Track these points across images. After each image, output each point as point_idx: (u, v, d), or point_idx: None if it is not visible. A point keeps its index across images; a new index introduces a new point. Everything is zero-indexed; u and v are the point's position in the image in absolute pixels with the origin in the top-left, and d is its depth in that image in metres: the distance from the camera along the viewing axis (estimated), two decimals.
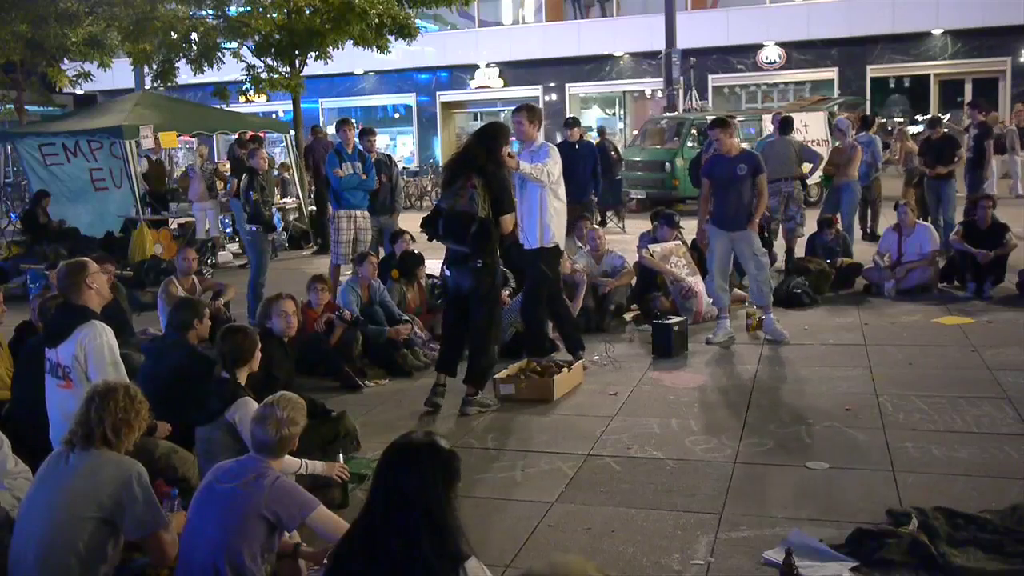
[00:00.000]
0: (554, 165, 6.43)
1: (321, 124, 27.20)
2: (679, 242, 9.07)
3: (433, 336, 7.71)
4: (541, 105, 28.37)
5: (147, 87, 18.67)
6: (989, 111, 15.21)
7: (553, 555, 3.80)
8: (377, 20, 15.15)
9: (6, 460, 4.09)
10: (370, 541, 2.60)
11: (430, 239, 6.17)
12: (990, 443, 5.10)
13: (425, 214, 6.33)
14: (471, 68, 28.90)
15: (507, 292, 7.96)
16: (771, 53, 25.94)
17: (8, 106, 19.59)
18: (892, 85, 26.18)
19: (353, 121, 9.93)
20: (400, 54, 19.89)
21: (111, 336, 4.40)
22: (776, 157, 10.76)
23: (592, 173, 10.84)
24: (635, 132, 22.99)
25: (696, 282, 8.54)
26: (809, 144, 12.78)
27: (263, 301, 5.82)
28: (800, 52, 25.75)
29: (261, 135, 15.56)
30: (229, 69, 16.69)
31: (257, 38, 15.83)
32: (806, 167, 11.11)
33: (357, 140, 9.76)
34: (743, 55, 26.24)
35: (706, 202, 7.89)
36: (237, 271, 12.53)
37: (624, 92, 28.46)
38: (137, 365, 5.49)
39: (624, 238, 13.54)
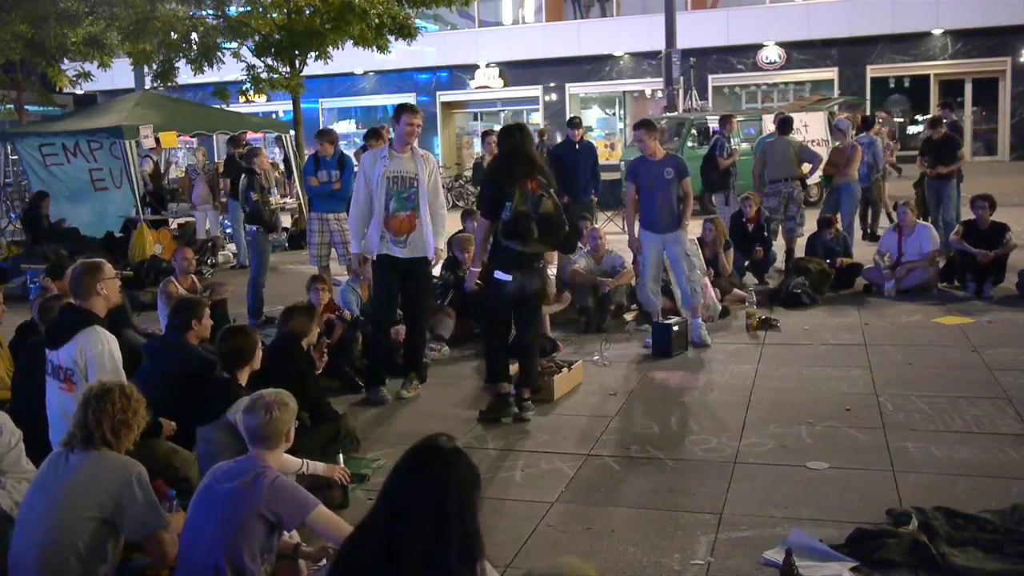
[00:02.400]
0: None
1: (321, 124, 27.29)
2: (694, 239, 8.99)
3: (432, 336, 7.70)
4: (541, 105, 28.43)
5: (147, 87, 18.67)
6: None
7: (555, 556, 3.80)
8: (377, 20, 15.15)
9: (20, 457, 4.08)
10: (390, 543, 2.58)
11: (524, 245, 5.69)
12: (990, 443, 5.10)
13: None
14: (471, 68, 28.90)
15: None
16: (771, 53, 25.95)
17: (8, 106, 19.58)
18: (892, 85, 26.19)
19: (334, 132, 10.05)
20: (400, 54, 19.89)
21: (113, 344, 4.37)
22: (776, 157, 10.79)
23: (592, 173, 10.83)
24: None
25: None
26: (809, 144, 12.78)
27: (286, 308, 5.78)
28: (800, 52, 25.76)
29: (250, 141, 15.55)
30: (229, 69, 16.69)
31: (257, 38, 15.84)
32: (806, 167, 11.12)
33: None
34: (743, 55, 26.25)
35: (634, 205, 7.74)
36: (237, 271, 12.54)
37: (624, 92, 28.47)
38: (135, 344, 5.48)
39: (624, 238, 13.51)
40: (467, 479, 2.61)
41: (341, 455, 4.73)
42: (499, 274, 5.84)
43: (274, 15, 15.72)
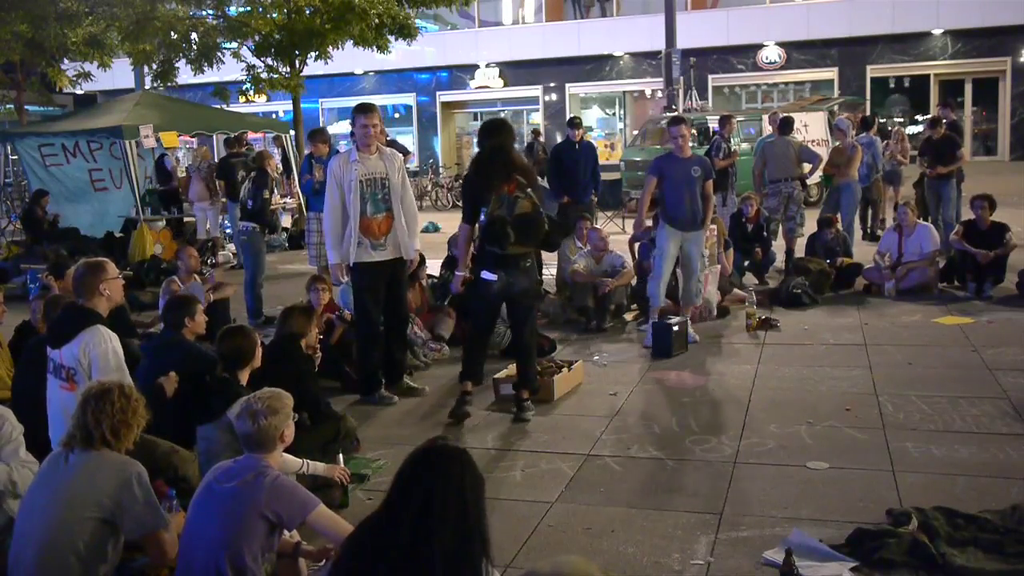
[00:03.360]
0: None
1: (321, 124, 27.34)
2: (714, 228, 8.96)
3: (433, 336, 7.71)
4: (541, 105, 28.41)
5: (147, 87, 18.68)
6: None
7: (556, 556, 3.80)
8: (377, 20, 15.17)
9: (19, 449, 4.08)
10: (419, 537, 2.61)
11: (502, 249, 5.64)
12: (990, 443, 5.10)
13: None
14: (471, 68, 28.89)
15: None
16: (771, 53, 25.94)
17: (8, 106, 19.59)
18: (892, 85, 26.17)
19: (327, 132, 10.22)
20: (400, 54, 19.90)
21: (116, 342, 4.38)
22: (776, 157, 10.81)
23: (592, 173, 10.83)
24: (635, 132, 22.99)
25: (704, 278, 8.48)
26: (809, 144, 12.79)
27: (284, 311, 5.77)
28: (800, 52, 25.75)
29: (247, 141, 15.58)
30: (229, 69, 16.71)
31: (257, 38, 15.85)
32: (806, 167, 11.12)
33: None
34: (743, 55, 26.24)
35: (649, 196, 7.74)
36: (238, 271, 12.53)
37: (624, 92, 28.44)
38: (135, 352, 5.49)
39: (624, 238, 13.51)
40: (478, 478, 2.74)
41: (341, 455, 4.73)
42: (485, 274, 5.86)
43: (274, 15, 15.74)
